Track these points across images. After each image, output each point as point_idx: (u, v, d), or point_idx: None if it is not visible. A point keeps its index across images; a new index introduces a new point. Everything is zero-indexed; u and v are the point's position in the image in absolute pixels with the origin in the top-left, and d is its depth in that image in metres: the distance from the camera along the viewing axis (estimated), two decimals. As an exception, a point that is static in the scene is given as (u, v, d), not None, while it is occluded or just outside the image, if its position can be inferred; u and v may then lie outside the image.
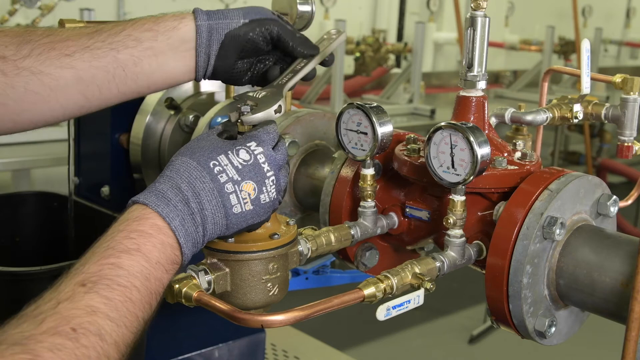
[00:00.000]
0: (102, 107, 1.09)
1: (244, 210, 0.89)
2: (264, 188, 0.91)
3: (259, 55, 1.09)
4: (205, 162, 0.89)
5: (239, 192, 0.89)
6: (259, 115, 0.95)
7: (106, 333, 0.73)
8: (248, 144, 0.92)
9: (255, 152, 0.91)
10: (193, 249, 0.87)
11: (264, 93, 0.99)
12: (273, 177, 0.92)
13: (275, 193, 0.92)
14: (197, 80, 1.11)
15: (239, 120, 0.95)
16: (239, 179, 0.89)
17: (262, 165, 0.91)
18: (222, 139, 0.94)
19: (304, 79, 1.09)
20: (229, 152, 0.90)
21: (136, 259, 0.80)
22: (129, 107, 1.54)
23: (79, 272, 0.77)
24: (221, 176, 0.88)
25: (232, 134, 0.96)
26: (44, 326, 0.69)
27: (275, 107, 0.96)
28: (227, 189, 0.88)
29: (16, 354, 0.65)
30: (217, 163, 0.89)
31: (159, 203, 0.85)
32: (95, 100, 1.06)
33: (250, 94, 0.99)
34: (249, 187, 0.89)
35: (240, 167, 0.89)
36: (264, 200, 0.91)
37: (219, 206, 0.88)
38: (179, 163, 0.89)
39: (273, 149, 0.94)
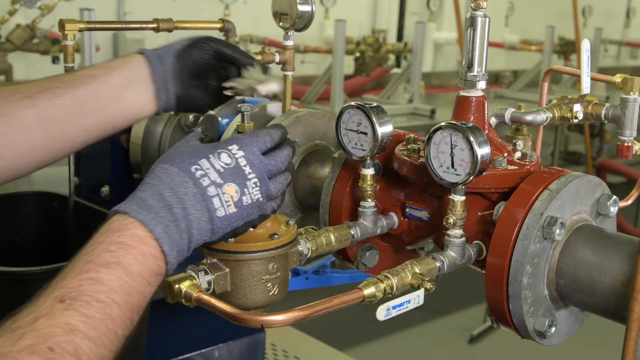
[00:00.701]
0: (67, 151, 1.10)
1: (227, 213, 0.88)
2: (245, 190, 0.90)
3: (208, 71, 1.13)
4: (186, 167, 0.88)
5: (221, 195, 0.88)
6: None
7: (83, 353, 0.71)
8: (229, 147, 0.92)
9: (237, 155, 0.91)
10: (178, 257, 0.85)
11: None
12: (255, 180, 0.91)
13: (259, 195, 0.91)
14: (158, 112, 1.12)
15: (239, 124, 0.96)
16: (221, 181, 0.88)
17: (243, 168, 0.91)
18: (203, 143, 0.95)
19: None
20: (210, 155, 0.90)
21: (116, 273, 0.78)
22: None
23: (58, 286, 0.75)
24: (203, 180, 0.88)
25: (212, 137, 0.96)
26: (22, 343, 0.68)
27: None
28: (210, 192, 0.87)
29: None
30: (199, 167, 0.88)
31: (140, 211, 0.83)
32: (59, 141, 1.07)
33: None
34: (231, 189, 0.89)
35: (222, 170, 0.89)
36: (246, 202, 0.90)
37: (203, 210, 0.87)
38: (160, 170, 0.89)
39: (265, 154, 0.94)
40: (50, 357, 0.68)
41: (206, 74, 1.15)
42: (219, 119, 1.32)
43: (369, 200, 1.09)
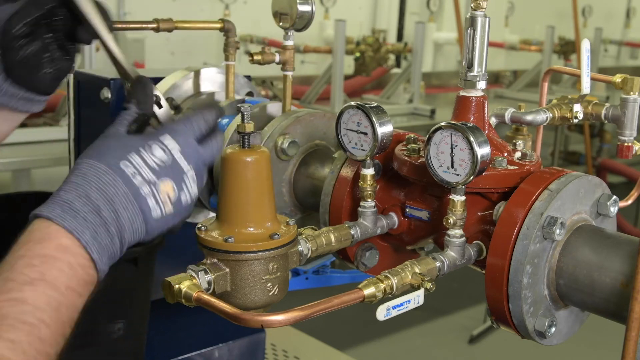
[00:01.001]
0: None
1: (164, 213, 0.83)
2: (183, 185, 0.84)
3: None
4: (115, 164, 0.81)
5: (157, 194, 0.82)
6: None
7: None
8: (161, 137, 0.84)
9: (170, 147, 0.84)
10: (110, 262, 0.80)
11: None
12: (193, 174, 0.85)
13: (196, 190, 0.86)
14: None
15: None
16: (155, 179, 0.82)
17: (178, 161, 0.84)
18: (133, 130, 0.86)
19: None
20: (141, 149, 0.83)
21: (41, 289, 0.71)
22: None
23: None
24: (135, 178, 0.81)
25: (143, 123, 0.89)
26: None
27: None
28: (144, 191, 0.81)
29: None
30: (129, 163, 0.81)
31: (65, 216, 0.76)
32: None
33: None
34: (167, 187, 0.83)
35: (155, 166, 0.82)
36: (185, 201, 0.85)
37: (136, 212, 0.80)
38: (86, 167, 0.81)
39: (201, 141, 0.87)
40: None
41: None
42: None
43: (369, 200, 1.09)
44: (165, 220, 0.84)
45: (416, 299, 0.93)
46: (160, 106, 0.93)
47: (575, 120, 1.14)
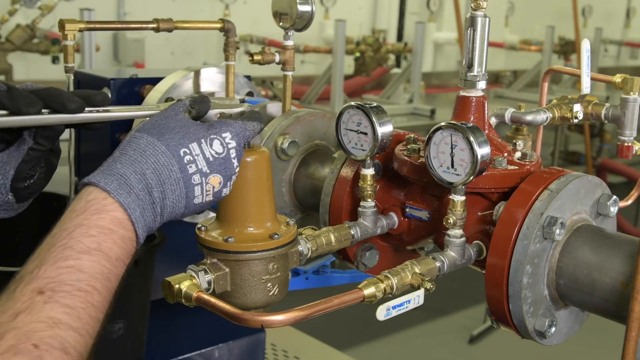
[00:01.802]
0: None
1: (204, 201, 0.86)
2: (229, 183, 0.88)
3: None
4: (175, 149, 0.83)
5: (204, 185, 0.85)
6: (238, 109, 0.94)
7: (70, 346, 0.69)
8: (223, 135, 0.88)
9: (229, 146, 0.87)
10: (145, 235, 0.83)
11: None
12: (236, 174, 0.89)
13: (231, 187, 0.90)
14: None
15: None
16: (208, 171, 0.85)
17: (233, 160, 0.88)
18: (190, 117, 0.89)
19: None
20: (202, 140, 0.86)
21: (97, 259, 0.75)
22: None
23: (35, 276, 0.71)
24: (190, 166, 0.84)
25: (199, 112, 0.91)
26: (4, 344, 0.65)
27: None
28: (194, 180, 0.84)
29: None
30: (188, 151, 0.84)
31: (120, 191, 0.79)
32: None
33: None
34: (215, 180, 0.86)
35: (211, 159, 0.85)
36: (224, 194, 0.89)
37: (182, 196, 0.84)
38: (145, 144, 0.83)
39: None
40: (36, 354, 0.65)
41: None
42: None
43: (369, 200, 1.09)
44: (202, 206, 0.87)
45: (416, 299, 0.93)
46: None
47: (575, 120, 1.14)
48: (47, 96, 0.89)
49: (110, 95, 1.43)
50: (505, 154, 1.05)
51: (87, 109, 0.92)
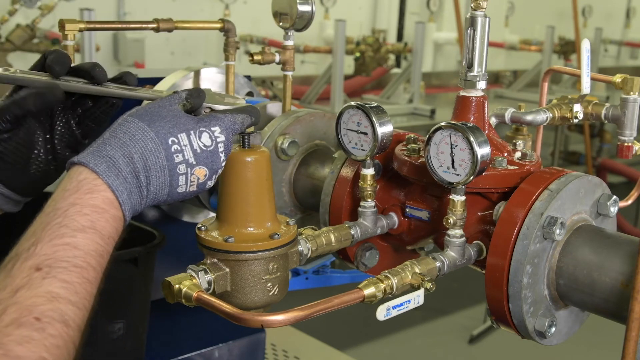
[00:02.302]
0: None
1: (187, 191, 0.88)
2: (214, 176, 0.90)
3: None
4: (164, 137, 0.85)
5: (189, 175, 0.87)
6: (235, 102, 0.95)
7: (70, 318, 0.71)
8: (212, 128, 0.89)
9: (218, 140, 0.89)
10: (131, 217, 0.85)
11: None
12: (222, 168, 0.90)
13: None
14: None
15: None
16: (194, 162, 0.87)
17: (220, 154, 0.89)
18: (184, 110, 0.90)
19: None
20: (192, 131, 0.87)
21: (90, 236, 0.78)
22: (129, 107, 1.54)
23: (31, 254, 0.74)
24: (177, 156, 0.86)
25: (193, 106, 0.93)
26: (7, 318, 0.67)
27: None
28: (180, 170, 0.86)
29: None
30: (177, 141, 0.86)
31: (109, 174, 0.81)
32: None
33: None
34: (201, 172, 0.88)
35: (199, 151, 0.87)
36: (208, 186, 0.90)
37: (165, 184, 0.85)
38: (135, 128, 0.85)
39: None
40: (38, 326, 0.68)
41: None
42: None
43: (369, 200, 1.09)
44: (184, 195, 0.89)
45: (416, 299, 0.93)
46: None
47: (575, 120, 1.14)
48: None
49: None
50: (505, 154, 1.05)
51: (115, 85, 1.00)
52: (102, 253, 0.79)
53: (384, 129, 1.04)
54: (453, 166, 0.95)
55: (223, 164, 0.90)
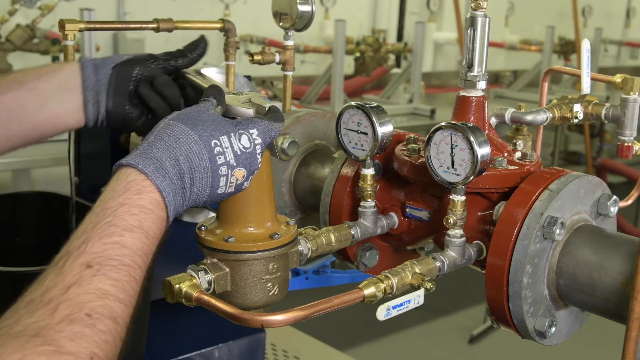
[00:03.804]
0: None
1: (226, 192, 0.90)
2: (250, 177, 0.91)
3: (152, 90, 1.11)
4: (207, 139, 0.87)
5: (229, 177, 0.89)
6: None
7: (118, 316, 0.74)
8: (250, 131, 0.91)
9: (256, 142, 0.91)
10: (173, 218, 0.88)
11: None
12: (257, 169, 0.92)
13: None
14: (88, 125, 1.08)
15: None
16: (235, 164, 0.89)
17: (257, 156, 0.91)
18: (220, 113, 0.94)
19: None
20: (232, 134, 0.89)
21: (138, 236, 0.80)
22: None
23: (82, 252, 0.76)
24: (219, 158, 0.88)
25: (224, 113, 0.95)
26: (59, 315, 0.69)
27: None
28: (222, 171, 0.88)
29: (38, 346, 0.65)
30: (219, 143, 0.88)
31: (157, 175, 0.83)
32: None
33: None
34: (240, 173, 0.90)
35: (239, 152, 0.89)
36: (244, 187, 0.92)
37: (207, 185, 0.87)
38: (179, 131, 0.87)
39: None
40: (89, 322, 0.70)
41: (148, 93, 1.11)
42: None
43: (369, 200, 1.09)
44: (222, 197, 0.91)
45: (416, 299, 0.93)
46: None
47: (575, 120, 1.14)
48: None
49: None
50: (505, 154, 1.05)
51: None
52: (148, 252, 0.81)
53: (384, 129, 1.04)
54: (453, 166, 0.95)
55: (259, 165, 0.92)
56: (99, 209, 0.81)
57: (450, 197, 0.98)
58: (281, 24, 1.27)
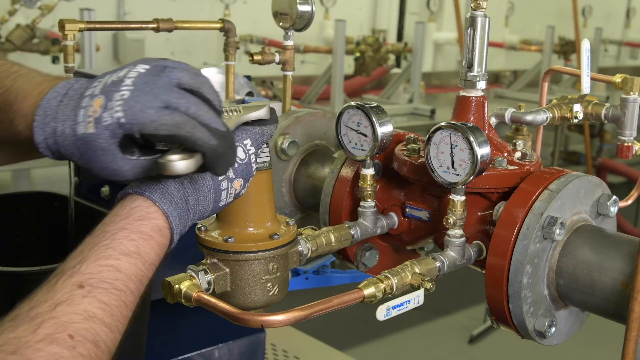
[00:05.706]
0: None
1: (226, 203, 0.90)
2: (246, 185, 0.92)
3: None
4: None
5: (229, 189, 0.89)
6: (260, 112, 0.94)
7: (101, 340, 0.73)
8: (244, 142, 0.91)
9: (250, 152, 0.91)
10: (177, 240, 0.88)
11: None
12: (252, 177, 0.93)
13: None
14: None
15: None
16: (233, 177, 0.89)
17: (252, 164, 0.92)
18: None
19: None
20: None
21: (134, 262, 0.80)
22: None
23: (76, 271, 0.76)
24: None
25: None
26: (41, 332, 0.68)
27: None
28: (222, 186, 0.88)
29: None
30: None
31: (163, 200, 0.83)
32: None
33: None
34: (238, 184, 0.90)
35: (236, 165, 0.89)
36: (241, 194, 0.92)
37: (211, 201, 0.88)
38: None
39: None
40: (70, 344, 0.69)
41: None
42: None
43: (369, 200, 1.09)
44: (222, 207, 0.91)
45: (416, 299, 0.93)
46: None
47: (575, 120, 1.14)
48: None
49: None
50: (505, 154, 1.05)
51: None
52: (142, 278, 0.81)
53: (384, 129, 1.04)
54: (453, 166, 0.95)
55: (254, 172, 0.92)
56: (99, 232, 0.81)
57: (450, 197, 0.98)
58: (281, 24, 1.27)
